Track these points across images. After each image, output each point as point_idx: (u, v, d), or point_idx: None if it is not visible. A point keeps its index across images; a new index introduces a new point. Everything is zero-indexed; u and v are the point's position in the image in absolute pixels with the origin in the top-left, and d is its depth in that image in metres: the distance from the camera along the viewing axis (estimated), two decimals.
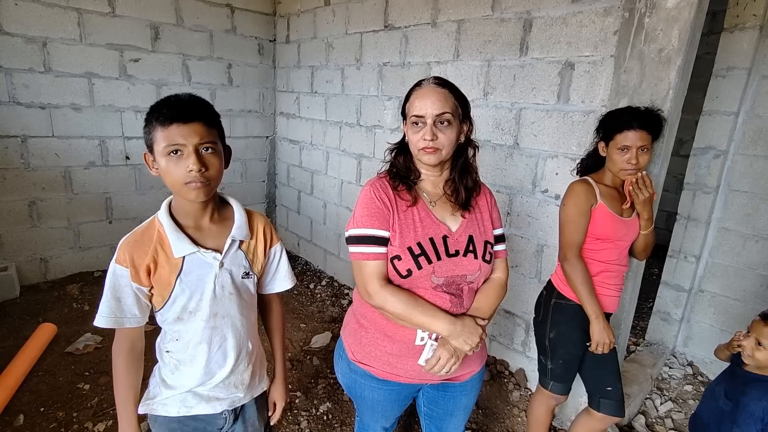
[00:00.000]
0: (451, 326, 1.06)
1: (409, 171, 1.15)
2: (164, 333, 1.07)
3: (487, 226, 1.20)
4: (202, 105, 0.96)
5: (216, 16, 3.67)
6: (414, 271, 1.08)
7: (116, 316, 0.98)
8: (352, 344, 1.23)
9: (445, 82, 1.10)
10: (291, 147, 4.08)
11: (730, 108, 2.38)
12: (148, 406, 1.08)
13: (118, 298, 0.98)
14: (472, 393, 1.28)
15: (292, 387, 2.30)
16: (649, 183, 1.48)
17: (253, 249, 1.10)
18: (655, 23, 1.67)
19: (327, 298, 3.39)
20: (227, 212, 1.08)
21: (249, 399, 1.16)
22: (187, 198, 0.96)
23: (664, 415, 2.29)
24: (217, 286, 1.02)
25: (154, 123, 0.91)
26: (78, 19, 3.06)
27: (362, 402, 1.27)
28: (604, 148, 1.53)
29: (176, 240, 0.98)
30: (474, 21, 2.35)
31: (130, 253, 0.97)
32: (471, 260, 1.13)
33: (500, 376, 2.45)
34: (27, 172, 3.07)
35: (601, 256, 1.55)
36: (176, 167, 0.92)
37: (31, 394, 2.11)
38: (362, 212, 1.10)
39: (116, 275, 0.97)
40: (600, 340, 1.50)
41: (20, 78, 2.93)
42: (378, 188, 1.12)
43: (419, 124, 1.07)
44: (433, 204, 1.15)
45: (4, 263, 3.05)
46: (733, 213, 2.47)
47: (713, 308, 2.59)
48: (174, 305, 1.00)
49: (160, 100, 0.94)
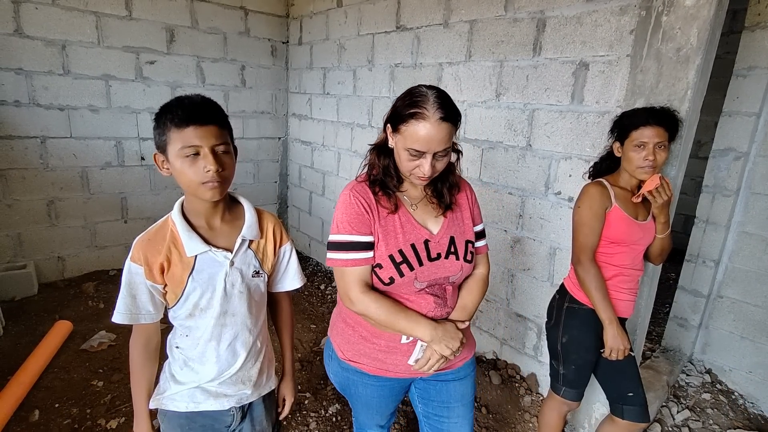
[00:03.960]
0: (433, 331, 1.07)
1: (389, 177, 1.11)
2: (175, 329, 1.10)
3: (468, 224, 1.19)
4: (215, 107, 0.98)
5: (230, 18, 3.71)
6: (396, 278, 1.08)
7: (132, 312, 1.01)
8: (341, 344, 1.23)
9: (449, 110, 1.00)
10: (303, 148, 4.10)
11: (752, 108, 2.31)
12: (159, 401, 1.10)
13: (133, 295, 1.01)
14: (466, 381, 1.25)
15: (302, 388, 2.30)
16: (666, 186, 1.45)
17: (263, 248, 1.11)
18: (673, 21, 1.63)
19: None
20: (238, 212, 1.10)
21: (257, 397, 1.17)
22: (203, 197, 0.97)
23: (681, 423, 2.22)
24: (228, 284, 1.04)
25: (169, 124, 0.92)
26: (96, 22, 3.12)
27: (357, 400, 1.28)
28: (620, 148, 1.50)
29: (189, 239, 1.00)
30: (486, 21, 2.33)
31: (144, 251, 0.99)
32: (453, 261, 1.13)
33: (511, 380, 2.42)
34: (46, 172, 3.14)
35: (615, 260, 1.52)
36: (193, 168, 0.93)
37: (46, 390, 2.15)
38: (342, 218, 1.08)
39: (131, 273, 1.00)
40: (614, 345, 1.46)
41: (40, 80, 3.00)
42: (358, 192, 1.10)
43: (417, 156, 1.02)
44: (415, 207, 1.15)
45: (23, 261, 3.12)
46: (754, 216, 2.40)
47: (733, 314, 2.52)
48: (186, 302, 1.02)
49: (172, 102, 0.95)
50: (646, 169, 1.43)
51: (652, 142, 1.40)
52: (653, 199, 1.46)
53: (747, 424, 2.25)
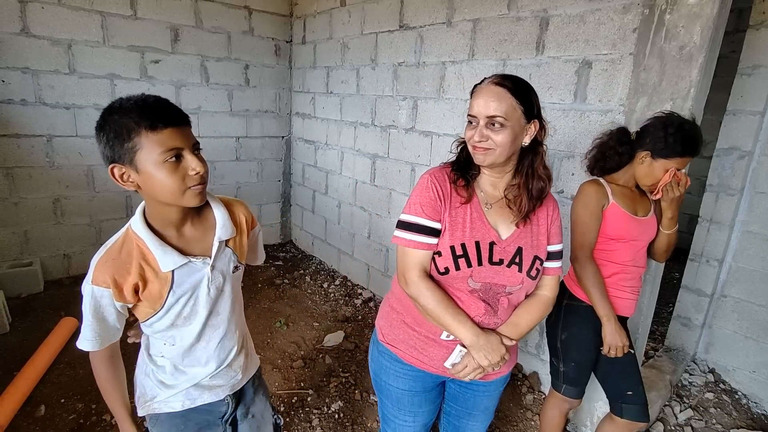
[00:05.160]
0: (475, 338, 1.04)
1: (469, 165, 1.11)
2: (153, 341, 1.04)
3: (542, 240, 1.13)
4: (175, 106, 0.90)
5: (234, 17, 3.73)
6: (451, 270, 1.06)
7: (102, 336, 0.94)
8: (383, 326, 1.23)
9: (507, 79, 1.02)
10: (306, 147, 4.11)
11: (756, 107, 2.30)
12: (149, 407, 1.07)
13: (101, 319, 0.93)
14: (493, 395, 1.26)
15: (304, 385, 2.31)
16: (684, 183, 1.41)
17: (239, 242, 1.08)
18: (677, 20, 1.63)
19: (340, 297, 3.40)
20: (205, 211, 1.02)
21: (247, 380, 1.17)
22: (189, 204, 0.90)
23: (683, 422, 2.22)
24: (211, 289, 1.01)
25: (136, 128, 0.82)
26: (101, 21, 3.14)
27: (388, 393, 1.23)
28: (649, 159, 1.42)
29: (163, 255, 0.92)
30: (489, 20, 2.33)
31: (111, 272, 0.90)
32: (514, 272, 1.08)
33: (513, 378, 2.42)
34: (52, 171, 3.17)
35: (615, 257, 1.52)
36: (176, 174, 0.85)
37: (52, 385, 2.17)
38: (416, 200, 1.08)
39: (96, 297, 0.91)
40: (612, 342, 1.47)
41: (46, 79, 3.03)
42: (436, 178, 1.09)
43: (473, 123, 1.04)
44: (489, 206, 1.11)
45: (29, 258, 3.16)
46: (758, 216, 2.39)
47: (737, 314, 2.51)
48: (167, 315, 0.97)
49: (125, 104, 0.84)
50: (658, 191, 1.44)
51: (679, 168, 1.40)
52: (665, 192, 1.43)
53: (750, 424, 2.25)
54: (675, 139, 1.37)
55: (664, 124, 1.40)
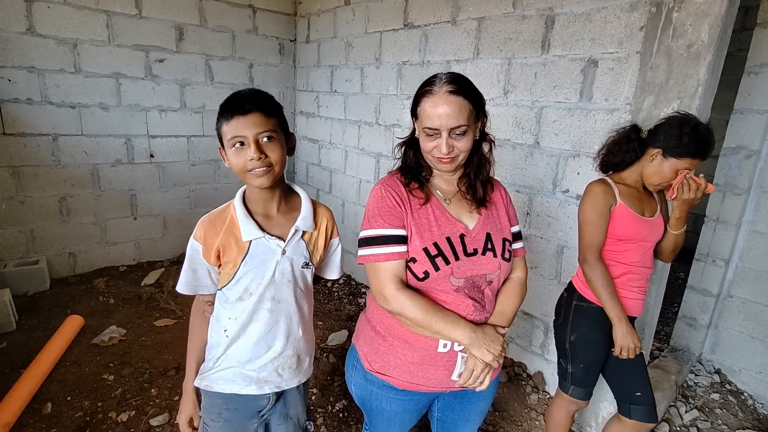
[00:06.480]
0: (472, 334, 1.01)
1: (420, 167, 1.12)
2: (221, 312, 1.13)
3: (504, 223, 1.16)
4: (261, 97, 1.03)
5: (238, 16, 3.73)
6: (431, 273, 1.03)
7: (192, 284, 1.10)
8: (368, 353, 1.16)
9: (459, 84, 1.00)
10: (310, 146, 4.11)
11: (763, 106, 2.29)
12: (202, 381, 1.16)
13: (194, 270, 1.09)
14: (489, 398, 1.25)
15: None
16: (702, 189, 1.39)
17: (314, 240, 1.15)
18: (684, 18, 1.62)
19: (344, 296, 3.40)
20: (295, 203, 1.14)
21: (295, 384, 1.20)
22: (253, 184, 1.03)
23: (689, 423, 2.21)
24: (277, 272, 1.08)
25: (221, 119, 1.00)
26: (107, 20, 3.15)
27: (378, 414, 1.20)
28: (660, 157, 1.42)
29: (245, 224, 1.05)
30: (494, 18, 2.32)
31: (205, 231, 1.07)
32: (490, 259, 1.09)
33: (518, 378, 2.42)
34: (57, 169, 3.18)
35: (624, 258, 1.51)
36: (239, 157, 1.00)
37: (58, 383, 2.18)
38: (373, 212, 1.06)
39: (192, 249, 1.08)
40: (624, 344, 1.45)
41: (52, 78, 3.04)
42: (389, 186, 1.08)
43: (433, 135, 1.01)
44: (448, 201, 1.11)
45: (35, 257, 3.17)
46: (765, 215, 2.37)
47: (743, 314, 2.49)
48: (237, 285, 1.07)
49: (227, 98, 1.02)
50: (674, 191, 1.43)
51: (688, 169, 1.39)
52: (680, 191, 1.40)
53: (756, 425, 2.23)
54: (690, 139, 1.36)
55: (680, 123, 1.39)
